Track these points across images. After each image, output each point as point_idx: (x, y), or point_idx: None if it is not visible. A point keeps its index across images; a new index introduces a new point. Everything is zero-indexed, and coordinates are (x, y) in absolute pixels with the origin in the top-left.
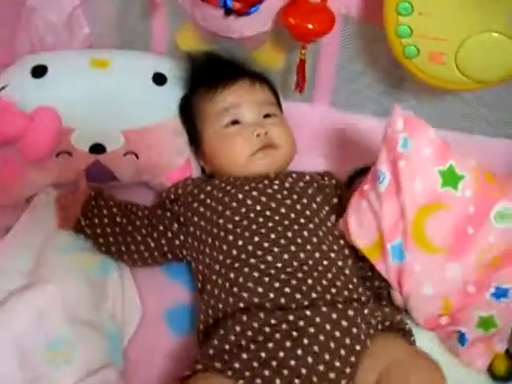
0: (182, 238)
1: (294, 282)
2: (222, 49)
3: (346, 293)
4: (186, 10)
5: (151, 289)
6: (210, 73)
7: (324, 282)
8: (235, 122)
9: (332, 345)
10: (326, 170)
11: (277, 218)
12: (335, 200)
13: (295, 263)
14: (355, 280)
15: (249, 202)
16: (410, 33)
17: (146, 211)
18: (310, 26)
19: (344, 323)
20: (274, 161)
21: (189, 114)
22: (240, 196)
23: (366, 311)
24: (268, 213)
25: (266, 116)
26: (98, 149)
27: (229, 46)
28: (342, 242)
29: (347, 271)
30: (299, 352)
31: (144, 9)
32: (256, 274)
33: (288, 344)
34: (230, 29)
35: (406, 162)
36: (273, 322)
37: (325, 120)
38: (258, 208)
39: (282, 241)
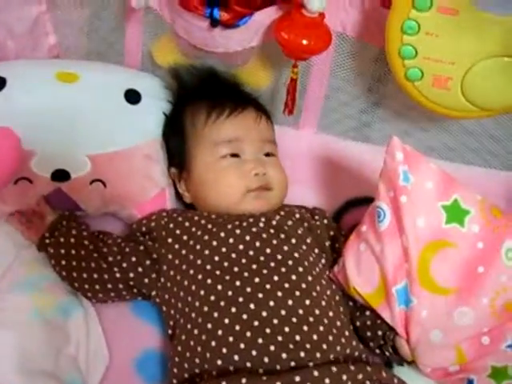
0: (153, 276)
1: (279, 338)
2: (203, 65)
3: (338, 348)
4: (165, 19)
5: (119, 332)
6: (212, 89)
7: (314, 338)
8: (234, 155)
9: None
10: (315, 207)
11: (262, 259)
12: (327, 243)
13: (282, 312)
14: (347, 332)
15: (231, 240)
16: (415, 54)
17: (119, 239)
18: (305, 42)
19: None
20: (266, 203)
21: (178, 130)
22: (221, 234)
23: (359, 376)
24: (252, 253)
25: (266, 155)
26: (61, 175)
27: (211, 61)
28: (333, 287)
29: (338, 323)
30: None
31: (118, 16)
32: (237, 328)
33: None
34: (215, 42)
35: (408, 198)
36: None
37: (312, 146)
38: (241, 248)
39: (268, 286)
